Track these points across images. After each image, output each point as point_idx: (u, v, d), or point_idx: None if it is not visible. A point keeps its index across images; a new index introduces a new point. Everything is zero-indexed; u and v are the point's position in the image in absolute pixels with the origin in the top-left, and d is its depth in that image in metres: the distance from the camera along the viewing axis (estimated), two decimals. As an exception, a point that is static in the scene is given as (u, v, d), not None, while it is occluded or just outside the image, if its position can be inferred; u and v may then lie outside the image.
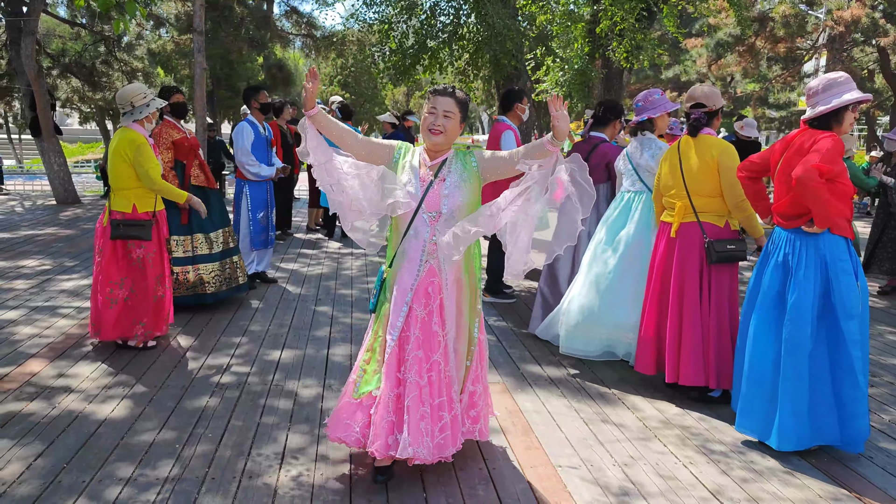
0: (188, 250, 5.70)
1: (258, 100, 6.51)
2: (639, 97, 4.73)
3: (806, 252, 3.44)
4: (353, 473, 3.22)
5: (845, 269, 3.41)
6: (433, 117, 3.14)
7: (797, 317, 3.42)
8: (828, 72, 18.11)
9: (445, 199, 3.14)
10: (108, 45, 16.12)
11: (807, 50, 19.15)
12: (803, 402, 3.43)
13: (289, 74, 20.86)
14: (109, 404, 3.92)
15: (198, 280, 5.73)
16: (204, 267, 5.76)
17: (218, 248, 5.86)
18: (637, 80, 23.29)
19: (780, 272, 3.53)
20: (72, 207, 12.53)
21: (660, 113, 4.62)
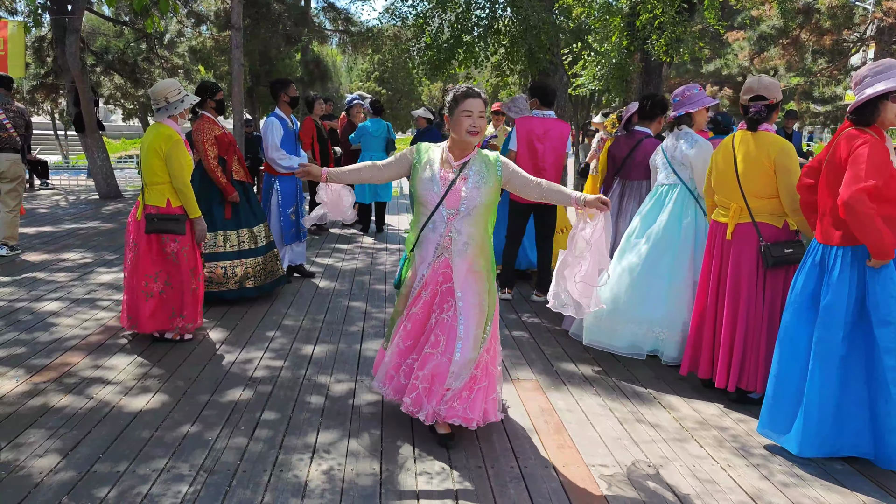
0: (234, 245, 5.77)
1: (288, 93, 6.50)
2: (676, 92, 4.62)
3: (843, 253, 3.26)
4: (383, 469, 3.21)
5: (885, 273, 3.20)
6: (470, 119, 3.28)
7: (829, 319, 3.25)
8: (876, 64, 17.58)
9: (465, 199, 3.34)
10: (149, 43, 16.40)
11: (854, 42, 18.60)
12: (829, 408, 3.26)
13: (326, 70, 20.97)
14: (144, 397, 3.97)
15: (244, 274, 5.80)
16: (251, 261, 5.83)
17: (262, 242, 5.93)
18: (677, 75, 22.89)
19: (816, 272, 3.35)
20: (113, 202, 12.76)
21: (698, 108, 4.51)
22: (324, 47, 25.76)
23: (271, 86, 6.59)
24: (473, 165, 3.38)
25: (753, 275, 3.89)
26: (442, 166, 3.40)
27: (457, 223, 3.35)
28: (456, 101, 3.33)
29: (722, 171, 4.02)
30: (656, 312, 4.39)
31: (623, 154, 5.25)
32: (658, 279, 4.40)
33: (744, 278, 3.90)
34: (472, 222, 3.36)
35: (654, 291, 4.39)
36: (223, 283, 5.72)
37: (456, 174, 3.36)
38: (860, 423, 3.26)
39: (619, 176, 5.31)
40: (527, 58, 7.04)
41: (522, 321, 5.65)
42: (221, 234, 5.73)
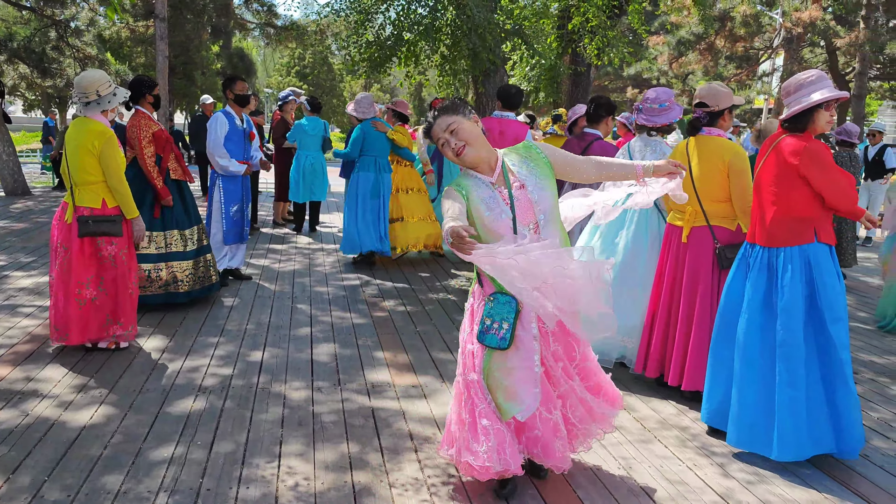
0: (161, 247, 5.46)
1: (234, 90, 6.25)
2: (663, 96, 4.51)
3: (790, 255, 3.37)
4: (354, 481, 3.10)
5: (830, 271, 3.36)
6: (447, 146, 2.86)
7: (789, 321, 3.33)
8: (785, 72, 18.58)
9: (537, 205, 2.85)
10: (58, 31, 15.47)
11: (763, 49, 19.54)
12: (801, 409, 3.35)
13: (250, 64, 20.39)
14: (87, 411, 3.70)
15: (171, 278, 5.49)
16: (178, 265, 5.52)
17: (193, 246, 5.63)
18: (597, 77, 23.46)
19: (765, 276, 3.44)
20: (22, 199, 12.01)
21: (678, 117, 4.50)
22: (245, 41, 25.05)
23: (223, 83, 6.38)
24: (516, 168, 2.90)
25: (709, 276, 3.98)
26: (489, 188, 2.88)
27: (545, 234, 2.84)
28: (429, 140, 2.96)
29: None
30: (626, 321, 4.41)
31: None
32: (628, 288, 4.43)
33: (700, 280, 3.99)
34: (555, 228, 2.90)
35: (624, 300, 4.42)
36: (146, 287, 5.40)
37: (505, 186, 2.88)
38: (822, 418, 3.37)
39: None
40: (470, 57, 7.01)
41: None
42: (147, 235, 5.41)
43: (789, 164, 3.32)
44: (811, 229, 3.35)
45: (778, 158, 3.38)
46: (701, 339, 3.97)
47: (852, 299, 7.14)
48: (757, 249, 3.50)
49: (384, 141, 7.25)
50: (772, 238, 3.42)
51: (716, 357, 3.63)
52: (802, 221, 3.35)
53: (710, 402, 3.65)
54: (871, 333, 5.90)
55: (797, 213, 3.34)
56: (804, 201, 3.32)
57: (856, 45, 17.10)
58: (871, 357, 5.25)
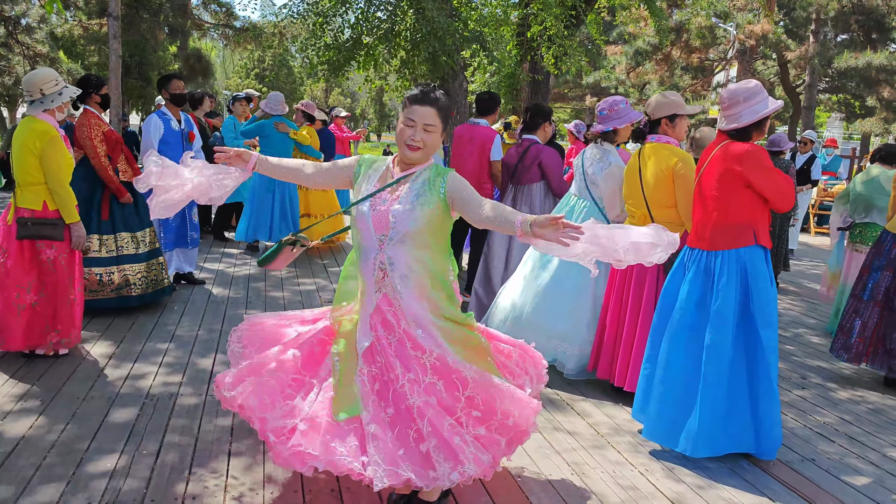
0: (112, 250, 5.32)
1: (169, 89, 6.09)
2: (603, 105, 4.58)
3: (727, 260, 3.46)
4: (305, 494, 3.04)
5: (763, 277, 3.47)
6: (411, 130, 2.75)
7: (720, 323, 3.43)
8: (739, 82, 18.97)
9: (394, 222, 2.76)
10: (7, 27, 15.02)
11: (718, 61, 19.98)
12: (720, 408, 3.45)
13: (207, 65, 20.07)
14: (26, 420, 3.57)
15: (123, 281, 5.35)
16: (130, 267, 5.38)
17: (144, 248, 5.49)
18: (556, 85, 23.71)
19: (702, 279, 3.53)
20: (-34, 200, 11.60)
21: (625, 124, 4.48)
22: (201, 41, 24.67)
23: (158, 82, 6.21)
24: (415, 182, 2.81)
25: (654, 281, 4.09)
26: (379, 182, 2.87)
27: (390, 251, 2.79)
28: (403, 105, 2.85)
29: (630, 181, 4.20)
30: (559, 325, 4.47)
31: (514, 162, 5.47)
32: (564, 294, 4.49)
33: (646, 284, 4.10)
34: (406, 251, 2.79)
35: (559, 305, 4.48)
36: (98, 291, 5.25)
37: (392, 192, 2.82)
38: (743, 418, 3.48)
39: (512, 182, 5.49)
40: (429, 62, 7.00)
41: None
42: (96, 238, 5.26)
43: (733, 170, 3.41)
44: (751, 232, 3.46)
45: (721, 164, 3.47)
46: (643, 341, 4.03)
47: (802, 305, 7.30)
48: (696, 253, 3.61)
49: (284, 140, 7.84)
50: (712, 242, 3.52)
51: (650, 357, 3.72)
52: (743, 225, 3.45)
53: (642, 399, 3.71)
54: (819, 340, 6.03)
55: (739, 217, 3.45)
56: (746, 205, 3.43)
57: (806, 59, 17.62)
58: (819, 363, 5.36)
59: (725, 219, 3.47)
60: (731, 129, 3.46)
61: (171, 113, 6.13)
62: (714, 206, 3.50)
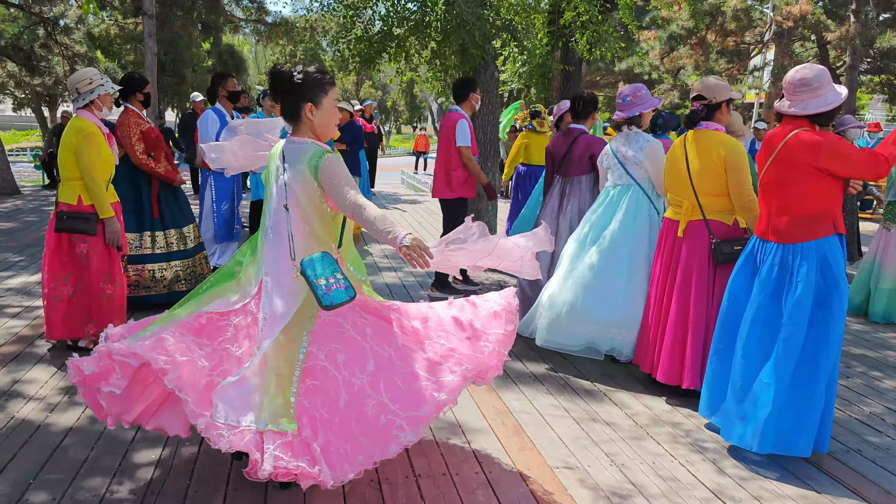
0: (162, 246, 5.46)
1: (226, 87, 6.24)
2: (625, 92, 4.59)
3: (806, 252, 3.31)
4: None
5: (840, 268, 3.34)
6: None
7: (798, 316, 3.29)
8: (776, 66, 18.58)
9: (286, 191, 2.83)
10: (46, 28, 15.34)
11: (754, 44, 19.56)
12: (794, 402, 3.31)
13: (240, 61, 20.27)
14: (73, 413, 3.66)
15: (174, 277, 5.49)
16: (180, 263, 5.54)
17: (192, 244, 5.64)
18: (588, 73, 23.45)
19: (777, 272, 3.40)
20: (11, 199, 11.90)
21: (649, 108, 4.57)
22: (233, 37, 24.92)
23: (212, 79, 6.36)
24: (300, 154, 2.84)
25: (704, 271, 3.96)
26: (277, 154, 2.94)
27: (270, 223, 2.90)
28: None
29: (675, 169, 4.08)
30: (613, 313, 4.39)
31: (561, 152, 5.27)
32: (615, 280, 4.41)
33: (694, 275, 3.97)
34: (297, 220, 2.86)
35: (611, 292, 4.40)
36: (151, 287, 5.40)
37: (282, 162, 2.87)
38: (813, 412, 3.35)
39: (559, 174, 5.32)
40: (459, 53, 6.97)
41: (464, 320, 5.58)
42: (149, 235, 5.41)
43: (808, 162, 3.27)
44: (829, 221, 3.32)
45: (795, 155, 3.31)
46: (695, 336, 3.94)
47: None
48: (770, 245, 3.45)
49: None
50: (789, 234, 3.37)
51: (718, 352, 3.61)
52: (821, 215, 3.31)
53: (710, 395, 3.62)
54: (861, 327, 5.90)
55: (817, 207, 3.30)
56: (823, 195, 3.29)
57: (846, 40, 17.14)
58: (863, 351, 5.24)
59: (803, 209, 3.33)
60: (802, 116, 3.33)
61: (225, 109, 6.28)
62: (790, 198, 3.35)
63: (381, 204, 12.49)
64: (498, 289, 6.52)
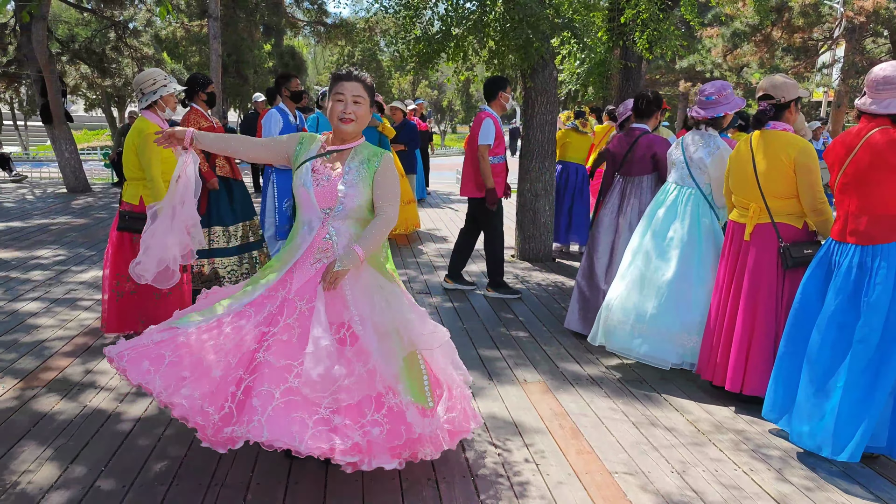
0: (224, 241, 5.60)
1: (289, 87, 6.37)
2: (710, 89, 4.41)
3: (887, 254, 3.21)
4: (402, 479, 3.09)
5: None
6: (342, 105, 2.94)
7: (874, 318, 3.19)
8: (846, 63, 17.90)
9: (342, 198, 2.94)
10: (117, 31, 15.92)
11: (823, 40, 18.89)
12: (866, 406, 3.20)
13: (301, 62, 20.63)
14: (141, 404, 3.79)
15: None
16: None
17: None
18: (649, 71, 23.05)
19: (855, 275, 3.29)
20: (83, 196, 12.38)
21: (734, 110, 4.36)
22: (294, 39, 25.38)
23: (276, 80, 6.54)
24: (353, 160, 2.99)
25: (773, 276, 3.85)
26: (319, 157, 3.02)
27: (334, 224, 2.97)
28: (330, 84, 3.03)
29: (740, 171, 3.97)
30: (691, 317, 4.29)
31: (623, 152, 5.18)
32: (686, 286, 4.31)
33: (762, 279, 3.85)
34: (353, 224, 2.99)
35: (684, 299, 4.30)
36: (213, 281, 5.55)
37: (332, 167, 2.99)
38: (884, 416, 3.24)
39: (620, 173, 5.24)
40: (520, 50, 6.93)
41: (520, 320, 5.56)
42: (216, 230, 5.55)
43: (890, 161, 3.17)
44: None
45: (874, 154, 3.21)
46: (762, 342, 3.84)
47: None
48: (847, 247, 3.35)
49: (371, 132, 8.17)
50: (869, 235, 3.27)
51: (787, 354, 3.51)
52: None
53: (775, 399, 3.52)
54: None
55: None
56: None
57: (922, 35, 16.43)
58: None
59: (884, 210, 3.23)
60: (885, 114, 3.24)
61: (288, 109, 6.42)
62: (871, 198, 3.25)
63: (435, 203, 12.53)
64: (556, 291, 6.49)
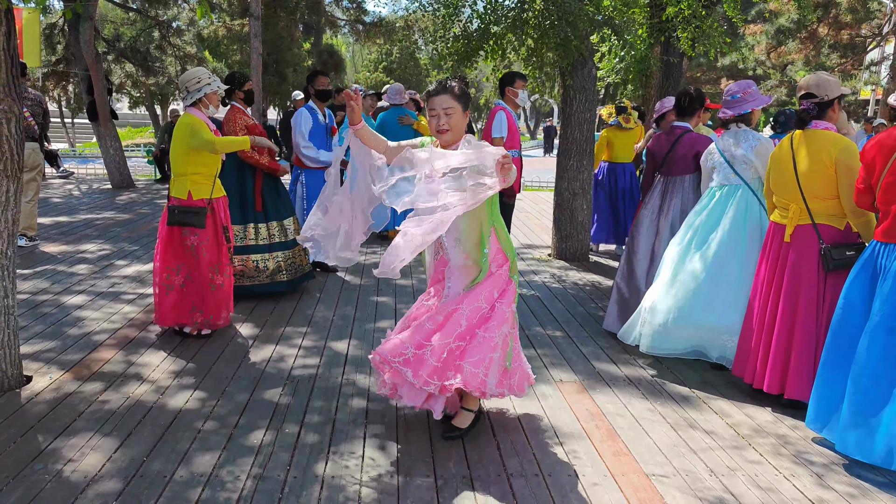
0: (265, 237, 5.69)
1: (314, 86, 6.42)
2: (735, 88, 4.41)
3: None
4: (437, 477, 3.10)
5: None
6: (436, 119, 3.28)
7: None
8: None
9: None
10: (161, 30, 16.24)
11: (871, 37, 18.41)
12: None
13: (339, 60, 20.77)
14: (182, 395, 3.87)
15: (276, 267, 5.73)
16: (282, 254, 5.76)
17: (291, 236, 5.87)
18: (690, 69, 22.71)
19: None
20: (127, 192, 12.66)
21: (760, 106, 4.38)
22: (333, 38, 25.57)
23: (307, 78, 6.64)
24: None
25: (813, 278, 3.77)
26: None
27: None
28: (425, 102, 3.37)
29: (781, 171, 3.90)
30: (724, 319, 4.24)
31: (664, 151, 5.11)
32: (725, 285, 4.26)
33: (803, 282, 3.78)
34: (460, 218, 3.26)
35: (722, 297, 4.25)
36: (255, 277, 5.65)
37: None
38: None
39: (661, 173, 5.17)
40: (558, 48, 6.89)
41: (556, 320, 5.53)
42: (252, 227, 5.66)
43: None
44: None
45: None
46: (803, 345, 3.76)
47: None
48: (892, 248, 3.27)
49: (407, 130, 8.15)
50: None
51: (830, 361, 3.43)
52: None
53: (819, 407, 3.45)
54: None
55: None
56: None
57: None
58: None
59: None
60: None
61: (317, 107, 6.48)
62: None
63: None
64: (592, 290, 6.44)
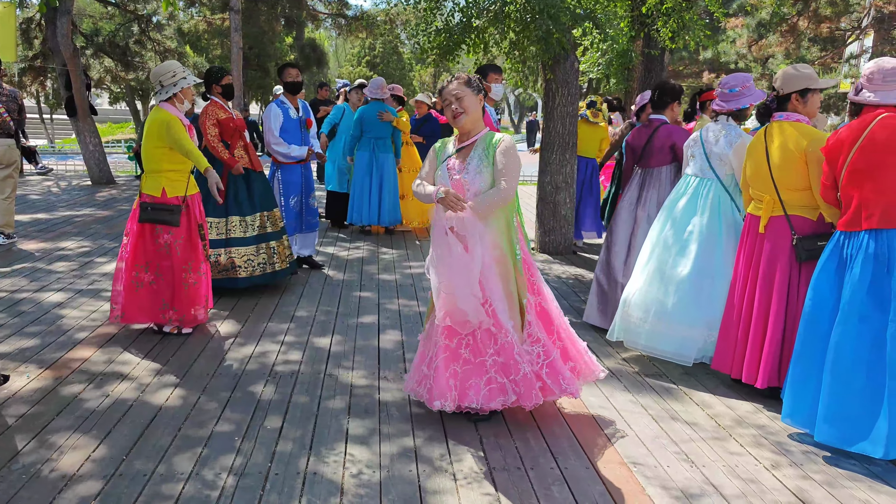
0: (221, 233, 5.60)
1: (284, 77, 6.29)
2: (733, 81, 4.37)
3: None
4: (419, 470, 3.10)
5: None
6: (450, 106, 3.36)
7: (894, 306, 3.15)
8: (875, 53, 17.56)
9: (468, 190, 3.37)
10: (140, 25, 16.05)
11: (851, 30, 18.55)
12: None
13: (322, 55, 20.65)
14: (163, 393, 3.83)
15: (229, 263, 5.61)
16: (236, 250, 5.64)
17: (253, 232, 5.70)
18: (672, 62, 22.78)
19: (872, 264, 3.24)
20: (107, 188, 12.52)
21: (757, 101, 4.31)
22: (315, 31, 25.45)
23: (277, 72, 6.54)
24: (475, 150, 3.40)
25: (786, 269, 3.80)
26: (452, 156, 3.47)
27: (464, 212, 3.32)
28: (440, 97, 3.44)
29: (755, 163, 3.93)
30: (710, 313, 4.26)
31: (641, 143, 5.15)
32: (708, 280, 4.28)
33: (777, 272, 3.82)
34: None
35: (705, 293, 4.27)
36: (233, 271, 5.58)
37: (460, 162, 3.42)
38: None
39: (639, 165, 5.20)
40: (541, 41, 6.88)
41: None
42: (210, 221, 5.51)
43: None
44: None
45: (881, 138, 3.21)
46: (776, 335, 3.80)
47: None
48: (858, 237, 3.31)
49: (386, 125, 8.32)
50: (882, 221, 3.23)
51: (803, 354, 3.46)
52: None
53: (795, 401, 3.48)
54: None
55: None
56: None
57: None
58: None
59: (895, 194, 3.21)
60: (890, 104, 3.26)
61: (289, 101, 6.35)
62: (884, 184, 3.22)
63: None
64: (576, 283, 6.46)
